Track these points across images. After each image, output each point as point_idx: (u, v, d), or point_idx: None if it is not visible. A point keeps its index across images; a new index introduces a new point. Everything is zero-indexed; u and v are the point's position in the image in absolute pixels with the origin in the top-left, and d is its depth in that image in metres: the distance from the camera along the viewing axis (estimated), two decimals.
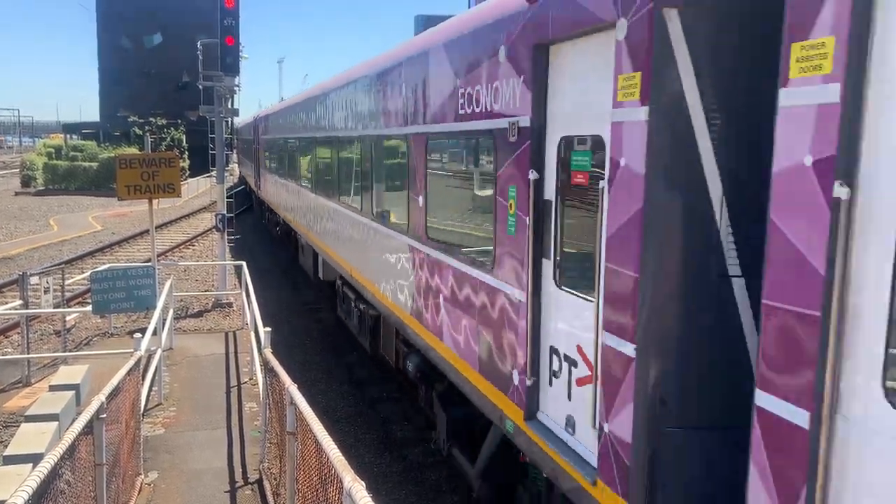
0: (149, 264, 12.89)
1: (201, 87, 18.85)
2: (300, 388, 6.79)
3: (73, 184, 55.26)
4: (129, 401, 8.00)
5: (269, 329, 9.41)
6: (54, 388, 10.52)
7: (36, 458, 7.16)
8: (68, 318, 14.89)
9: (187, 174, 55.46)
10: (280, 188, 23.45)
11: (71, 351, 13.68)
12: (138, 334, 9.50)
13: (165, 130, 62.97)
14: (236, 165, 59.28)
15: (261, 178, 30.88)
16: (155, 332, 11.42)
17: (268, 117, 27.89)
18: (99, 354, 12.98)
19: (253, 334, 11.89)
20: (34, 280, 13.23)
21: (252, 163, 35.68)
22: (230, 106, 18.95)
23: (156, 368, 11.28)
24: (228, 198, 19.20)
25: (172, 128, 63.79)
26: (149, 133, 43.76)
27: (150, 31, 71.64)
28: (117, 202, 17.81)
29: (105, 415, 6.54)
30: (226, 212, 18.42)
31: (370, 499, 4.08)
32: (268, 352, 8.72)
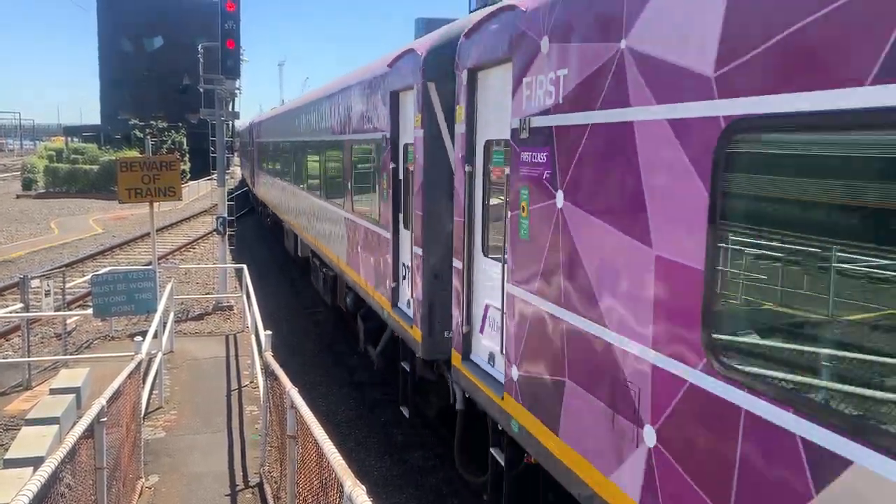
0: (149, 267, 12.88)
1: (202, 89, 18.87)
2: (300, 392, 6.79)
3: (74, 186, 55.38)
4: (129, 404, 8.00)
5: (269, 332, 9.42)
6: (55, 391, 10.52)
7: (37, 462, 7.18)
8: (69, 321, 14.90)
9: (188, 177, 55.51)
10: (268, 184, 28.34)
11: (71, 354, 13.69)
12: (139, 337, 9.51)
13: (166, 133, 63.08)
14: (238, 168, 59.34)
15: (255, 177, 35.85)
16: (156, 336, 11.44)
17: (261, 123, 32.50)
18: (100, 358, 12.99)
19: (253, 337, 11.90)
20: (35, 283, 13.24)
21: (249, 163, 40.79)
22: (231, 109, 18.99)
23: (156, 372, 11.29)
24: (229, 200, 19.17)
25: (173, 130, 63.91)
26: (149, 136, 43.79)
27: (150, 33, 71.79)
28: (118, 205, 17.91)
29: (106, 418, 6.55)
30: (227, 215, 18.43)
31: (371, 503, 4.08)
32: (268, 355, 8.72)
